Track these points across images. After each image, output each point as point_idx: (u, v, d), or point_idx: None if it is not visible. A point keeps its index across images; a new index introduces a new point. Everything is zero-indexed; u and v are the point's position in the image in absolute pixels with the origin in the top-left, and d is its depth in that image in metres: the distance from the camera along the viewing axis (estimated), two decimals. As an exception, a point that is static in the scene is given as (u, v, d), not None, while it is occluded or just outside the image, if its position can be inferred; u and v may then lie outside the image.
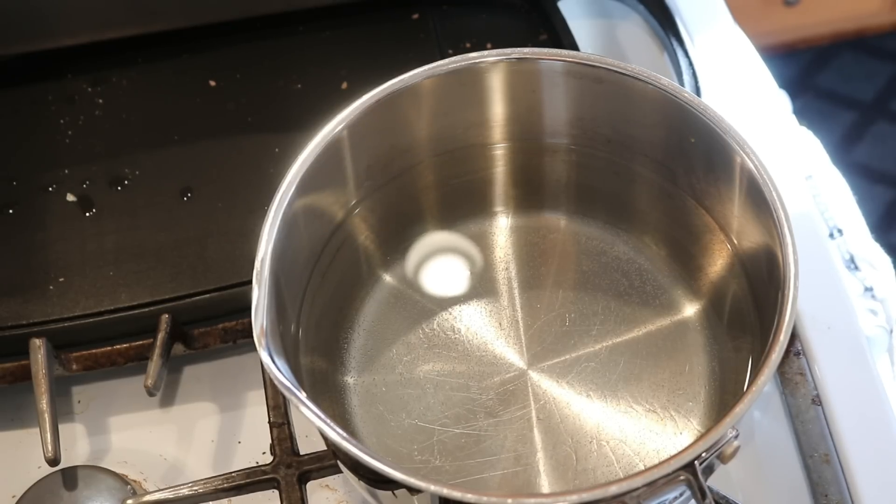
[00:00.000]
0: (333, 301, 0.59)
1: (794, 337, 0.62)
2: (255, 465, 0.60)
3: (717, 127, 0.54)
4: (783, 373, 0.62)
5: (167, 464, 0.62)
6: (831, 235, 0.73)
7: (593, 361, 0.57)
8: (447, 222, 0.63)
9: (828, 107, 1.82)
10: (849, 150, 1.77)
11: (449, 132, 0.60)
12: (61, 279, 0.65)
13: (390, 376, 0.57)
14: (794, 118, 0.81)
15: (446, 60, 0.57)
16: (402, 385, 0.57)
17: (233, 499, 0.60)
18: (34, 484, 0.60)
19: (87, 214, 0.69)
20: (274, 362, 0.48)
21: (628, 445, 0.54)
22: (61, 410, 0.63)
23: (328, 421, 0.46)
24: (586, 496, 0.44)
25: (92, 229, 0.68)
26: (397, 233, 0.62)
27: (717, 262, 0.58)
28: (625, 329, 0.58)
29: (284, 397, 0.59)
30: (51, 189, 0.70)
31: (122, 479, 0.61)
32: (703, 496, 0.45)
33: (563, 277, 0.60)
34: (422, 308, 0.60)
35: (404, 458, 0.54)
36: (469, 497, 0.44)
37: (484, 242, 0.62)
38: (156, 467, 0.62)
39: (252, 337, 0.48)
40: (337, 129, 0.55)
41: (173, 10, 0.76)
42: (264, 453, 0.61)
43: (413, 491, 0.46)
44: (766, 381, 0.46)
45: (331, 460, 0.58)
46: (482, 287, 0.60)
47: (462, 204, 0.63)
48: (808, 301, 0.63)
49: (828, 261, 0.66)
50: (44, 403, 0.60)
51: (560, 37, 0.75)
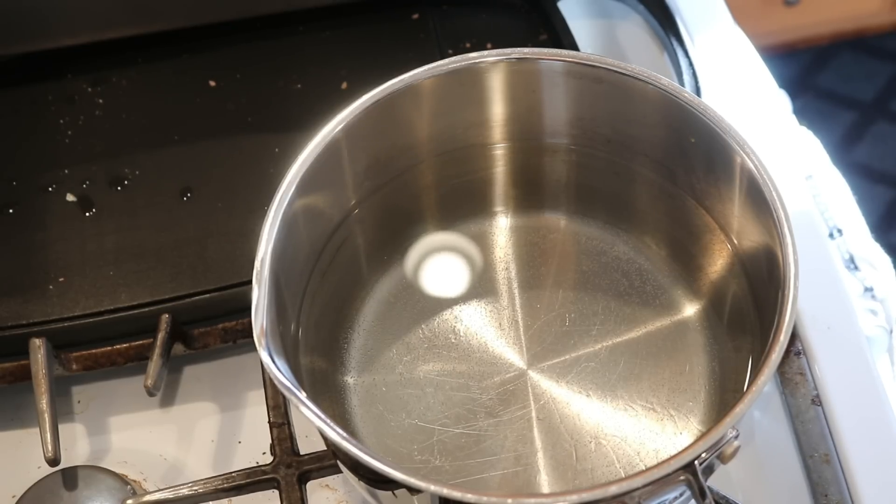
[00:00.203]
0: (333, 301, 0.59)
1: (794, 337, 0.62)
2: (255, 465, 0.60)
3: (717, 127, 0.54)
4: (783, 373, 0.62)
5: (167, 464, 0.62)
6: (831, 235, 0.73)
7: (593, 361, 0.57)
8: (447, 222, 0.63)
9: (828, 107, 1.82)
10: (849, 150, 1.77)
11: (449, 132, 0.60)
12: (61, 279, 0.65)
13: (390, 376, 0.57)
14: (794, 118, 0.81)
15: (446, 60, 0.57)
16: (402, 385, 0.57)
17: (233, 499, 0.60)
18: (34, 484, 0.60)
19: (87, 214, 0.69)
20: (274, 362, 0.48)
21: (628, 445, 0.54)
22: (61, 410, 0.63)
23: (328, 421, 0.46)
24: (586, 496, 0.44)
25: (92, 229, 0.68)
26: (397, 233, 0.62)
27: (717, 262, 0.58)
28: (625, 329, 0.58)
29: (284, 397, 0.59)
30: (51, 189, 0.70)
31: (122, 479, 0.61)
32: (703, 496, 0.45)
33: (563, 277, 0.60)
34: (422, 308, 0.60)
35: (404, 458, 0.54)
36: (469, 497, 0.44)
37: (484, 242, 0.62)
38: (156, 467, 0.62)
39: (252, 337, 0.48)
40: (337, 130, 0.55)
41: (173, 10, 0.76)
42: (264, 453, 0.61)
43: (413, 491, 0.46)
44: (766, 381, 0.46)
45: (331, 460, 0.58)
46: (482, 287, 0.60)
47: (462, 204, 0.63)
48: (808, 301, 0.63)
49: (828, 261, 0.66)
50: (44, 403, 0.60)
51: (560, 37, 0.75)
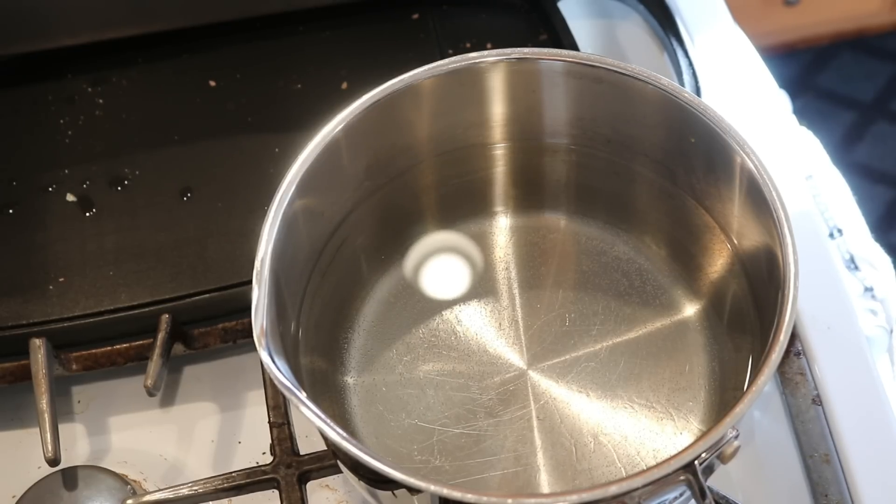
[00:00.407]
0: (333, 301, 0.59)
1: (794, 337, 0.62)
2: (255, 465, 0.60)
3: (717, 127, 0.54)
4: (783, 373, 0.62)
5: (167, 464, 0.62)
6: (831, 235, 0.73)
7: (593, 361, 0.57)
8: (447, 222, 0.63)
9: (828, 107, 1.82)
10: (849, 150, 1.77)
11: (449, 132, 0.60)
12: (61, 279, 0.65)
13: (390, 376, 0.57)
14: (794, 118, 0.81)
15: (446, 60, 0.57)
16: (402, 385, 0.57)
17: (233, 499, 0.60)
18: (34, 484, 0.60)
19: (87, 214, 0.69)
20: (274, 362, 0.48)
21: (628, 445, 0.54)
22: (61, 410, 0.63)
23: (328, 421, 0.46)
24: (586, 496, 0.44)
25: (92, 229, 0.68)
26: (397, 233, 0.62)
27: (717, 262, 0.58)
28: (625, 329, 0.58)
29: (284, 397, 0.59)
30: (51, 189, 0.70)
31: (122, 479, 0.61)
32: (703, 496, 0.45)
33: (563, 277, 0.60)
34: (422, 308, 0.60)
35: (404, 458, 0.54)
36: (469, 497, 0.44)
37: (484, 242, 0.62)
38: (156, 467, 0.62)
39: (252, 337, 0.48)
40: (337, 130, 0.55)
41: (173, 10, 0.76)
42: (264, 453, 0.61)
43: (413, 491, 0.46)
44: (766, 381, 0.46)
45: (331, 460, 0.58)
46: (482, 287, 0.60)
47: (462, 204, 0.63)
48: (808, 301, 0.63)
49: (828, 261, 0.66)
50: (44, 403, 0.60)
51: (560, 37, 0.75)
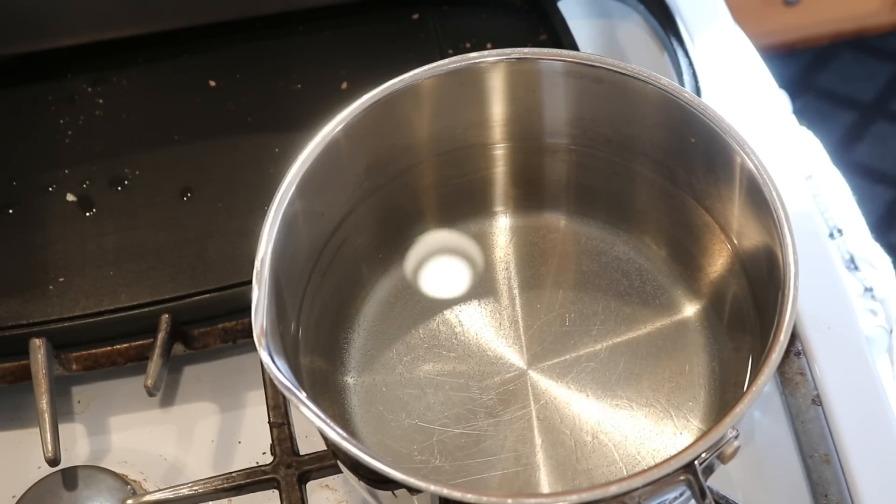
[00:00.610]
0: (333, 301, 0.59)
1: (794, 337, 0.62)
2: (255, 465, 0.60)
3: (717, 127, 0.54)
4: (783, 373, 0.62)
5: (167, 464, 0.62)
6: (831, 235, 0.73)
7: (593, 361, 0.57)
8: (447, 222, 0.63)
9: (828, 107, 1.82)
10: (849, 150, 1.77)
11: (449, 132, 0.60)
12: (61, 279, 0.65)
13: (390, 376, 0.57)
14: (794, 118, 0.81)
15: (446, 60, 0.57)
16: (402, 385, 0.57)
17: (233, 499, 0.60)
18: (34, 484, 0.60)
19: (87, 214, 0.69)
20: (274, 362, 0.48)
21: (628, 445, 0.54)
22: (61, 410, 0.63)
23: (328, 421, 0.46)
24: (586, 496, 0.44)
25: (92, 229, 0.68)
26: (397, 233, 0.62)
27: (717, 262, 0.58)
28: (625, 329, 0.58)
29: (284, 397, 0.59)
30: (51, 189, 0.70)
31: (122, 479, 0.61)
32: (703, 496, 0.45)
33: (563, 277, 0.60)
34: (422, 308, 0.60)
35: (404, 458, 0.54)
36: (469, 497, 0.44)
37: (484, 242, 0.62)
38: (156, 467, 0.62)
39: (252, 337, 0.48)
40: (337, 130, 0.55)
41: (173, 10, 0.76)
42: (264, 453, 0.61)
43: (413, 491, 0.46)
44: (766, 381, 0.46)
45: (331, 460, 0.58)
46: (482, 287, 0.60)
47: (462, 204, 0.63)
48: (808, 301, 0.63)
49: (828, 261, 0.66)
50: (44, 403, 0.60)
51: (560, 37, 0.75)
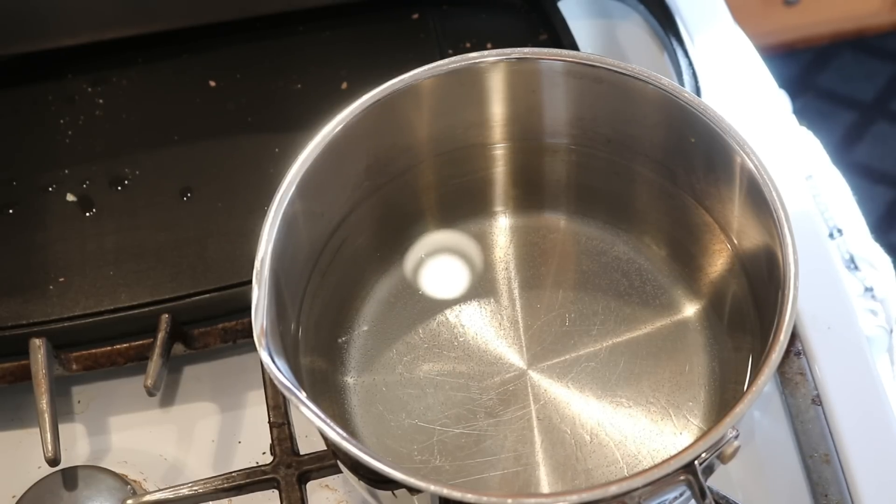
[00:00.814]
0: (333, 301, 0.59)
1: (794, 337, 0.62)
2: (255, 465, 0.60)
3: (717, 127, 0.54)
4: (783, 373, 0.62)
5: (167, 464, 0.62)
6: (831, 235, 0.73)
7: (593, 361, 0.57)
8: (447, 222, 0.63)
9: (828, 107, 1.82)
10: (849, 150, 1.77)
11: (449, 132, 0.60)
12: (61, 279, 0.65)
13: (390, 376, 0.57)
14: (794, 118, 0.81)
15: (446, 60, 0.57)
16: (402, 385, 0.57)
17: (233, 499, 0.60)
18: (34, 484, 0.60)
19: (87, 214, 0.69)
20: (274, 362, 0.48)
21: (628, 445, 0.54)
22: (61, 410, 0.63)
23: (328, 421, 0.46)
24: (586, 496, 0.44)
25: (92, 229, 0.68)
26: (397, 233, 0.62)
27: (717, 262, 0.58)
28: (625, 329, 0.58)
29: (284, 397, 0.59)
30: (51, 189, 0.70)
31: (122, 479, 0.61)
32: (703, 496, 0.45)
33: (563, 277, 0.60)
34: (422, 308, 0.60)
35: (404, 458, 0.54)
36: (469, 497, 0.44)
37: (484, 242, 0.62)
38: (156, 467, 0.62)
39: (252, 337, 0.48)
40: (337, 130, 0.55)
41: (173, 10, 0.76)
42: (264, 453, 0.61)
43: (413, 491, 0.46)
44: (766, 381, 0.46)
45: (331, 460, 0.58)
46: (482, 287, 0.60)
47: (462, 204, 0.63)
48: (808, 301, 0.63)
49: (828, 261, 0.66)
50: (44, 403, 0.60)
51: (560, 37, 0.75)
